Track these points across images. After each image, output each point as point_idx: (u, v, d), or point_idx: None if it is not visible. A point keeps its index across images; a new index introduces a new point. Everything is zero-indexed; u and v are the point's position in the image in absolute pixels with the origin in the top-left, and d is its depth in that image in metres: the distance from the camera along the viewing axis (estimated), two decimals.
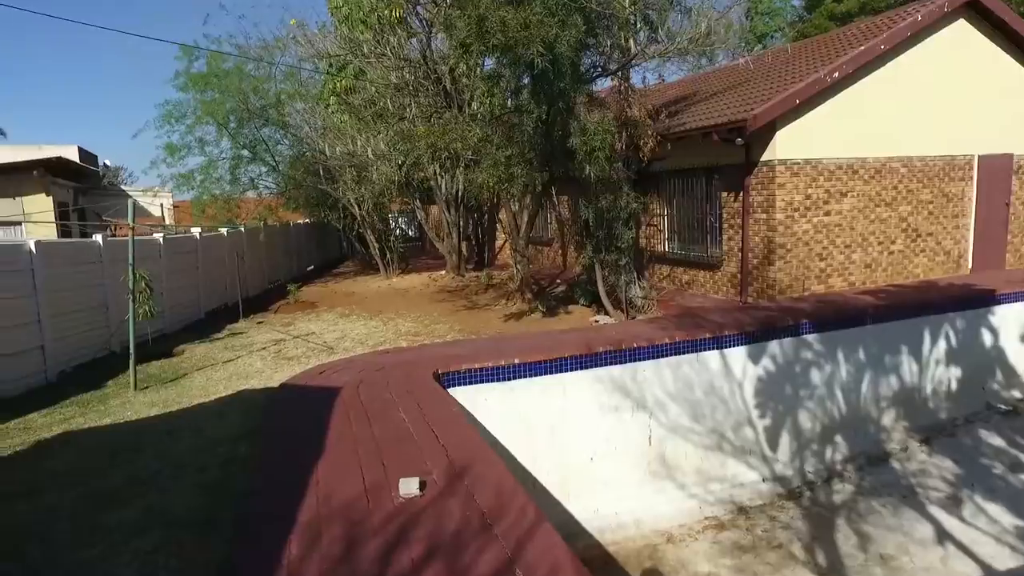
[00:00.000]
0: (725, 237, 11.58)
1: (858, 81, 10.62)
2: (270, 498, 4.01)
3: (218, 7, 37.32)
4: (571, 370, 7.17)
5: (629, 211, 10.24)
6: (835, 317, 8.55)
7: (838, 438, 8.37)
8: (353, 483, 4.09)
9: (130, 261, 7.63)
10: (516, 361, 6.87)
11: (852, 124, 10.68)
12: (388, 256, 19.41)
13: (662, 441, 7.66)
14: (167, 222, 25.12)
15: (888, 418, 8.79)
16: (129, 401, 7.37)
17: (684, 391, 7.72)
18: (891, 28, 10.87)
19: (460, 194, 17.24)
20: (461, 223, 18.25)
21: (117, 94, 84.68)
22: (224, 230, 15.47)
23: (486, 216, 20.40)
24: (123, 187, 26.34)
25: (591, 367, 7.26)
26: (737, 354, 7.86)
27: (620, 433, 7.48)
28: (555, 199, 14.00)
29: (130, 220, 7.49)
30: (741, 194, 10.99)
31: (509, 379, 6.89)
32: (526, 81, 9.09)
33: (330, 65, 13.72)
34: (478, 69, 11.12)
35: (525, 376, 6.96)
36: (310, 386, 6.49)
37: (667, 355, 7.62)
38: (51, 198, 19.50)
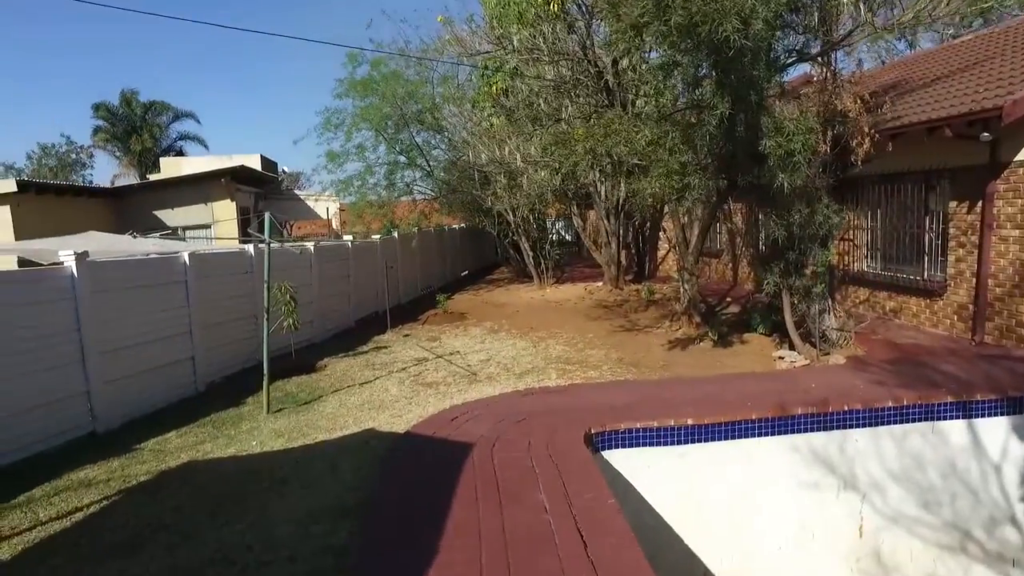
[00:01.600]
0: (952, 258, 9.31)
1: None
2: None
3: (380, 13, 38.82)
4: (758, 435, 5.65)
5: (828, 227, 8.32)
6: None
7: None
8: None
9: (265, 278, 7.19)
10: (689, 422, 5.48)
11: None
12: (542, 265, 18.49)
13: (877, 532, 5.91)
14: (334, 226, 26.21)
15: None
16: (258, 427, 6.93)
17: (911, 470, 5.89)
18: None
19: (621, 201, 15.85)
20: (620, 231, 16.85)
21: (290, 101, 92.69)
22: (376, 237, 15.31)
23: (647, 224, 18.78)
24: (296, 192, 27.85)
25: (785, 432, 5.69)
26: (994, 426, 5.87)
27: (820, 518, 5.85)
28: (730, 208, 12.21)
29: (266, 234, 7.03)
30: (980, 204, 8.72)
31: (678, 443, 5.51)
32: (704, 71, 7.56)
33: (486, 67, 12.98)
34: (644, 63, 9.78)
35: (699, 440, 5.55)
36: (437, 439, 5.53)
37: (888, 422, 5.85)
38: (234, 203, 20.95)
